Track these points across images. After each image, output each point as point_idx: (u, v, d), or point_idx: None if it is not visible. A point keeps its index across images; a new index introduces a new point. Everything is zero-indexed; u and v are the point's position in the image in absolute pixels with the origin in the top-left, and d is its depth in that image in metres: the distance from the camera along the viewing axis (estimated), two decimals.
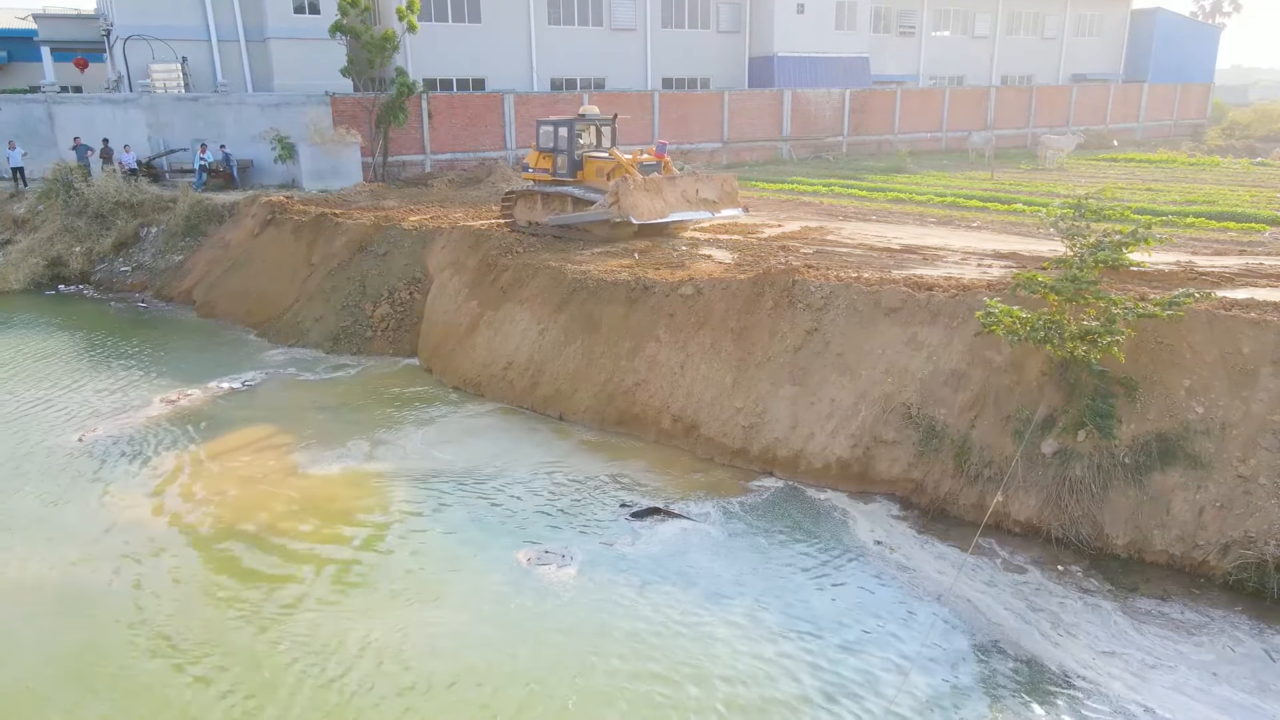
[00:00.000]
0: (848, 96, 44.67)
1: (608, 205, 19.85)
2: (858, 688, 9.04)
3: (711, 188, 20.94)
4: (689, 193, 20.48)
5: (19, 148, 30.20)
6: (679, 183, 20.61)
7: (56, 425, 16.18)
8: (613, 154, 21.09)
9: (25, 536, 12.24)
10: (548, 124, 22.43)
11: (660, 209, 19.93)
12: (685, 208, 20.36)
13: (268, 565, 11.49)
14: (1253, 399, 11.48)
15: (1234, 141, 51.94)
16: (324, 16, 35.02)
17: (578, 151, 21.59)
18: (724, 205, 20.94)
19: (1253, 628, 9.84)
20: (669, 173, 21.21)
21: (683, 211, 20.33)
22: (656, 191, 20.00)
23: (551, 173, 21.99)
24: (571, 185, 21.40)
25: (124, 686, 9.23)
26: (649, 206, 19.74)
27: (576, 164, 21.54)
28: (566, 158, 21.64)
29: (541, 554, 11.68)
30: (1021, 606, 10.29)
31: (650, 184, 20.02)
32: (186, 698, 9.00)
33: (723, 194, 21.01)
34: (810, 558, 11.50)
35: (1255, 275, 15.41)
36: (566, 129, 21.73)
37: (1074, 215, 13.21)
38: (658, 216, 19.89)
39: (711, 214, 20.80)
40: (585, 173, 21.47)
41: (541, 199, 22.12)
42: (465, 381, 18.13)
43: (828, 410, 14.06)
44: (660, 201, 19.97)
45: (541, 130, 22.53)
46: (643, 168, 20.70)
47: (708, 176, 21.56)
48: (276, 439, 15.48)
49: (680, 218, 20.44)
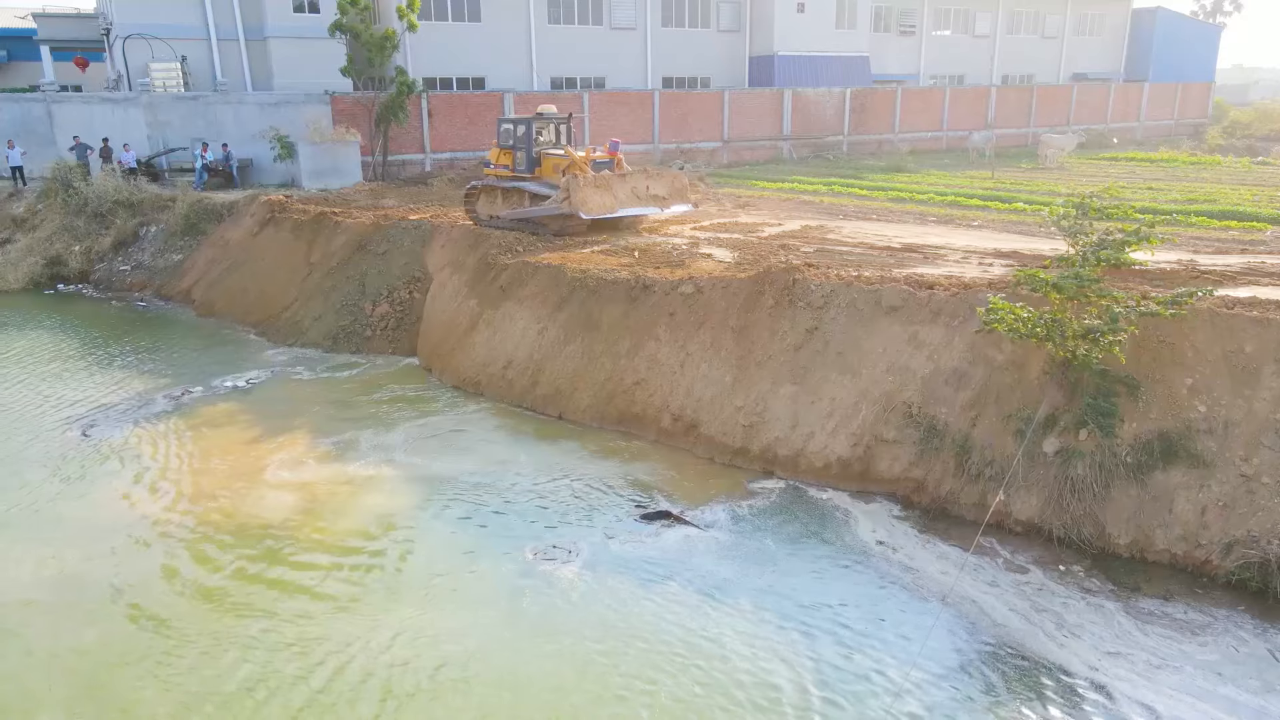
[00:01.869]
0: (848, 96, 44.60)
1: (560, 200, 20.78)
2: (866, 692, 8.99)
3: (662, 184, 22.06)
4: (639, 189, 21.60)
5: (18, 147, 30.14)
6: (629, 179, 21.68)
7: (58, 423, 16.12)
8: (567, 151, 22.03)
9: (28, 533, 12.19)
10: (508, 122, 23.63)
11: (610, 204, 21.01)
12: (635, 203, 21.50)
13: (271, 564, 11.42)
14: (1255, 398, 11.43)
15: (1234, 141, 51.85)
16: (324, 15, 34.95)
17: (536, 149, 22.52)
18: (673, 201, 22.14)
19: (1256, 627, 9.79)
20: (621, 170, 22.12)
21: (632, 207, 21.47)
22: (606, 188, 21.05)
23: (511, 169, 22.99)
24: (529, 181, 22.30)
25: (127, 686, 9.17)
26: (599, 202, 20.84)
27: (535, 161, 22.48)
28: (525, 154, 22.56)
29: (549, 548, 11.70)
30: (1025, 607, 10.24)
31: (600, 180, 21.07)
32: (191, 699, 8.95)
33: (673, 190, 22.18)
34: (814, 559, 11.44)
35: (1257, 274, 15.35)
36: (525, 127, 22.67)
37: (1077, 214, 13.15)
38: (607, 212, 20.96)
39: (661, 209, 21.99)
40: (543, 169, 22.36)
41: (501, 193, 23.06)
42: (465, 381, 18.07)
43: (828, 409, 14.01)
44: (610, 197, 21.05)
45: (502, 128, 23.68)
46: (595, 165, 21.78)
47: (658, 173, 22.68)
48: (277, 438, 15.42)
49: (629, 213, 21.57)
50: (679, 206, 22.36)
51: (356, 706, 8.79)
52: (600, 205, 20.86)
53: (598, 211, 20.79)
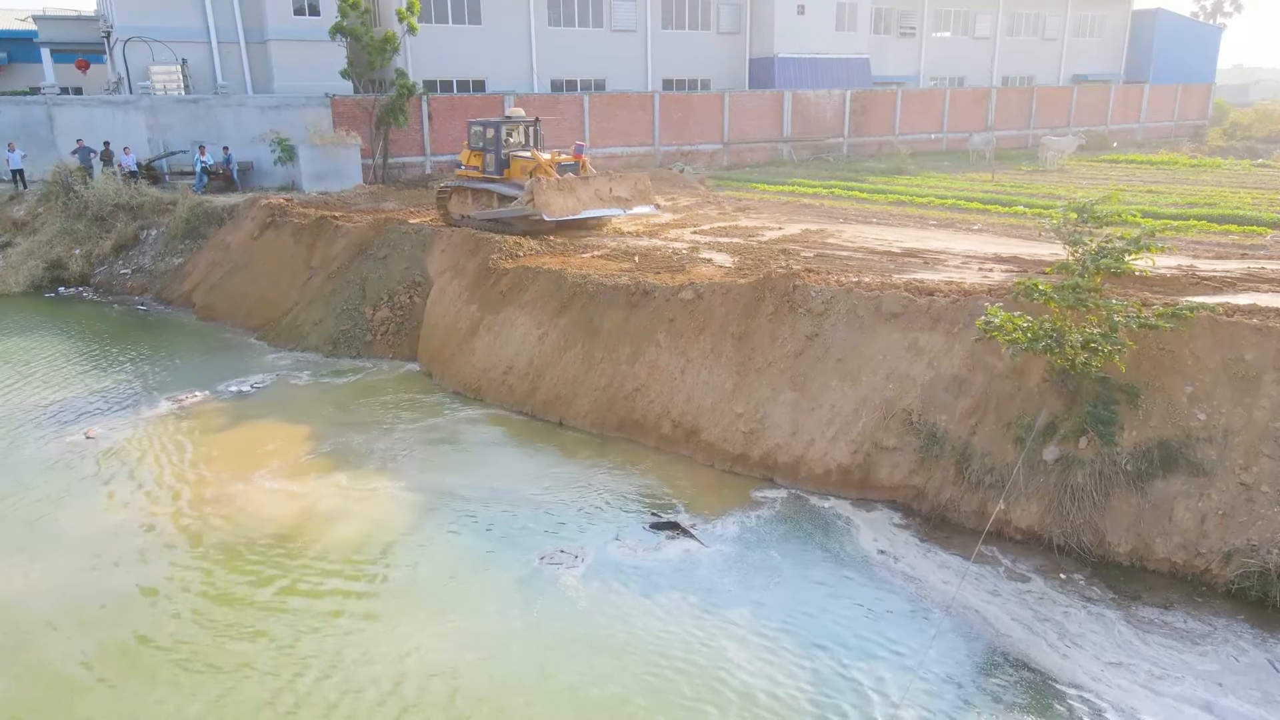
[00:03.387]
0: (848, 97, 44.60)
1: (525, 202, 21.44)
2: (870, 705, 9.00)
3: (625, 186, 22.79)
4: (602, 191, 22.36)
5: (19, 149, 30.14)
6: (592, 182, 22.41)
7: (59, 427, 16.13)
8: (534, 154, 22.67)
9: (30, 539, 12.20)
10: (478, 124, 24.18)
11: (573, 206, 21.71)
12: (598, 205, 22.24)
13: (271, 571, 11.44)
14: (1255, 406, 11.44)
15: (1235, 143, 51.88)
16: (324, 18, 34.95)
17: (504, 151, 23.17)
18: (636, 203, 22.89)
19: (1256, 637, 9.80)
20: (586, 172, 22.99)
21: (595, 209, 22.21)
22: (570, 190, 21.76)
23: (481, 170, 23.62)
24: (498, 182, 22.91)
25: (138, 696, 9.18)
26: (561, 204, 21.54)
27: (504, 162, 23.13)
28: (494, 156, 23.20)
29: (556, 553, 11.77)
30: (1028, 616, 10.24)
31: (564, 183, 21.74)
32: (199, 709, 8.96)
33: (636, 192, 22.91)
34: (816, 568, 11.42)
35: (1257, 280, 15.36)
36: (494, 130, 23.28)
37: (1077, 220, 13.13)
38: (570, 213, 21.66)
39: (624, 210, 22.75)
40: (511, 170, 23.01)
41: (472, 194, 23.63)
42: (465, 386, 18.08)
43: (828, 416, 14.02)
44: (573, 199, 21.76)
45: (472, 130, 24.26)
46: (561, 168, 22.50)
47: (621, 176, 23.47)
48: (278, 444, 15.43)
49: (592, 214, 22.26)
50: (642, 208, 23.04)
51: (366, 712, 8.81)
52: (563, 207, 21.54)
53: (560, 213, 21.45)
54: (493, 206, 22.66)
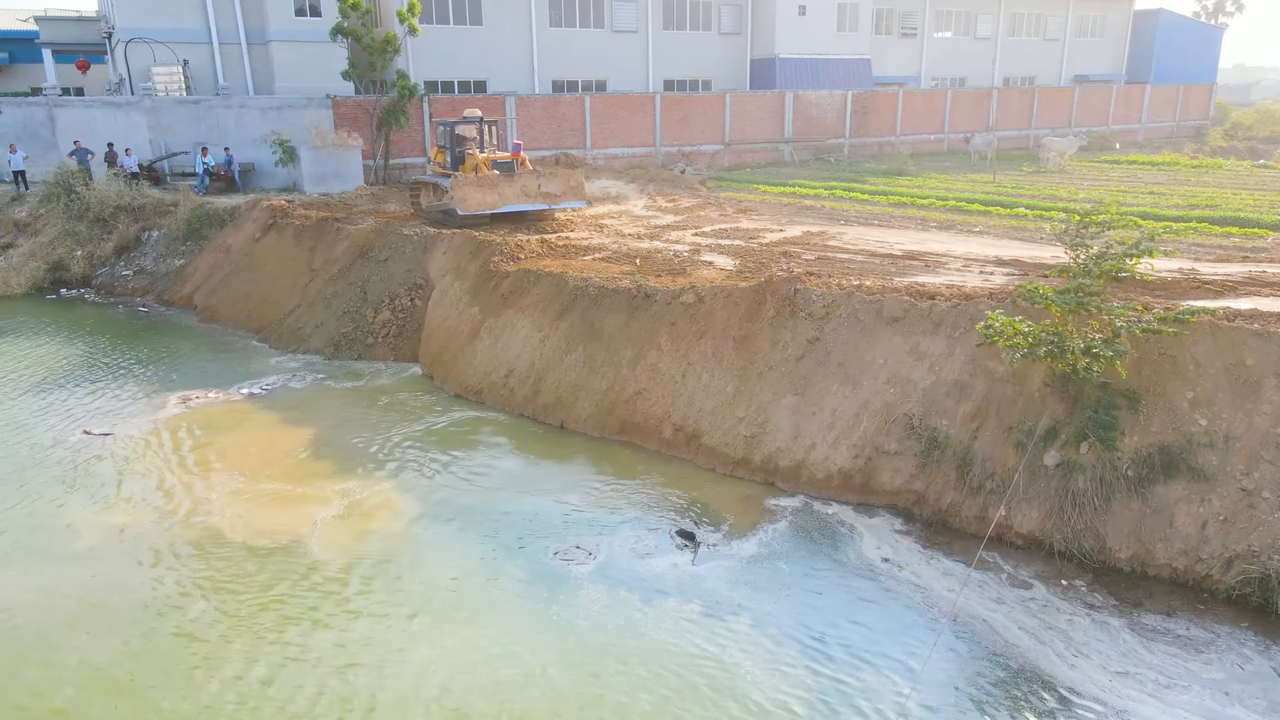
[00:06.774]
0: (849, 98, 44.60)
1: (449, 197, 23.27)
2: (873, 710, 9.00)
3: (555, 183, 24.41)
4: (529, 188, 23.93)
5: (20, 150, 30.16)
6: (519, 179, 24.02)
7: (60, 430, 16.14)
8: (473, 152, 24.68)
9: (35, 542, 12.21)
10: (443, 124, 26.01)
11: (491, 201, 23.30)
12: (523, 200, 23.79)
13: (283, 576, 11.44)
14: (1256, 411, 11.43)
15: (1236, 143, 51.83)
16: (325, 19, 35.00)
17: (459, 148, 24.98)
18: (565, 198, 24.43)
19: (1259, 644, 9.78)
20: (525, 169, 24.93)
21: (518, 204, 23.68)
22: (490, 186, 23.40)
23: (443, 166, 25.37)
24: (449, 178, 24.28)
25: (153, 702, 9.20)
26: (478, 199, 23.17)
27: (459, 159, 24.85)
28: (451, 153, 25.03)
29: (564, 552, 11.77)
30: (1034, 625, 10.19)
31: (485, 180, 23.44)
32: (211, 714, 8.98)
33: (566, 188, 24.48)
34: (822, 577, 11.38)
35: (1258, 284, 15.34)
36: (450, 129, 25.18)
37: (1079, 225, 13.12)
38: (487, 208, 23.25)
39: (550, 205, 24.30)
40: (464, 167, 24.62)
41: (434, 188, 25.33)
42: (466, 389, 18.08)
43: (829, 420, 14.01)
44: (493, 195, 23.36)
45: (439, 129, 26.18)
46: (496, 165, 24.43)
47: (551, 173, 25.13)
48: (280, 448, 15.43)
49: (513, 209, 23.65)
50: (572, 203, 24.61)
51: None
52: (479, 202, 23.13)
53: (475, 208, 23.02)
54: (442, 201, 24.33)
